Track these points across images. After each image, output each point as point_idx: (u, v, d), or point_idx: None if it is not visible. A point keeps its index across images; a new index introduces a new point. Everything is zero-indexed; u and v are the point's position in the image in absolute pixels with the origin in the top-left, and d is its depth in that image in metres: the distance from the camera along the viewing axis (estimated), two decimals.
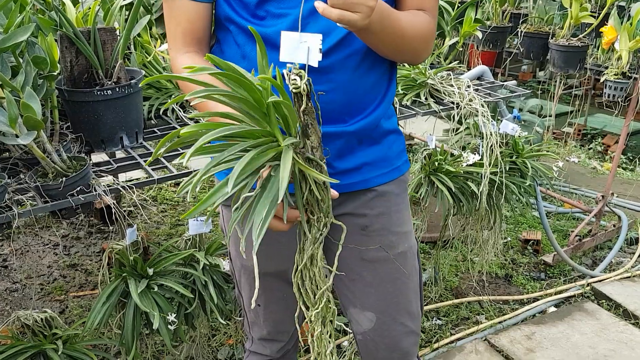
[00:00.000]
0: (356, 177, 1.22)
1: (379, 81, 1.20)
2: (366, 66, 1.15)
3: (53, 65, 1.51)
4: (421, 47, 1.15)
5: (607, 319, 2.52)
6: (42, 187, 1.37)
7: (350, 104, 1.16)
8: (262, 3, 1.10)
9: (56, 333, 1.51)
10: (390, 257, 1.27)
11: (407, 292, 1.32)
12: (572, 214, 3.51)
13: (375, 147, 1.23)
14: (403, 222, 1.30)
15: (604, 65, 3.04)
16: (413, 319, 1.35)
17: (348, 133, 1.17)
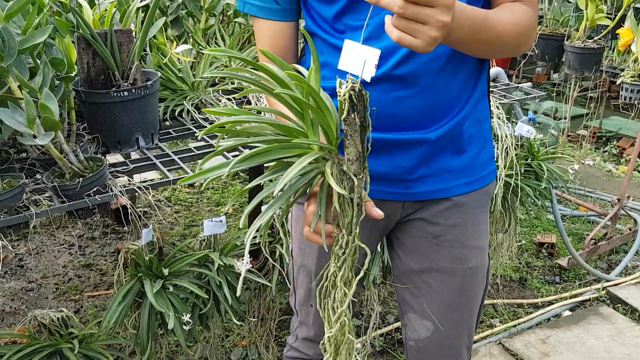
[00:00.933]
0: (435, 184, 1.17)
1: (465, 85, 1.13)
2: (450, 70, 1.09)
3: (70, 66, 1.52)
4: (520, 42, 1.06)
5: (623, 323, 2.50)
6: (59, 187, 1.38)
7: (432, 110, 1.11)
8: (339, 16, 1.10)
9: (72, 332, 1.52)
10: (460, 270, 1.22)
11: (471, 308, 1.28)
12: (587, 217, 3.47)
13: (460, 155, 1.16)
14: (479, 236, 1.23)
15: (620, 68, 3.02)
16: (470, 335, 1.32)
17: (430, 140, 1.12)
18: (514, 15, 1.03)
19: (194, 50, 2.20)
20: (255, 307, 1.91)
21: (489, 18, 0.97)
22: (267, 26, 1.16)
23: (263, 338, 2.01)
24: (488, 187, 1.22)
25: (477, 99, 1.16)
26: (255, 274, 1.73)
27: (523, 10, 1.04)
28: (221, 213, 3.35)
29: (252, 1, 1.15)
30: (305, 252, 1.32)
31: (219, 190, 3.67)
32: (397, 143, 1.12)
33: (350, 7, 1.07)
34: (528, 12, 1.05)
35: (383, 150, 1.13)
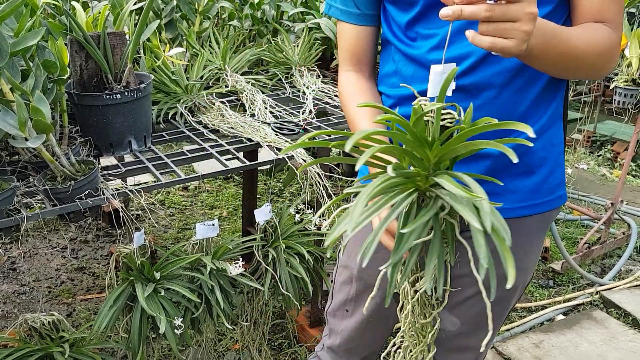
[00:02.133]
0: (495, 201, 1.16)
1: (536, 104, 1.10)
2: (517, 86, 1.07)
3: (63, 69, 1.52)
4: (599, 63, 1.01)
5: (616, 327, 2.50)
6: (50, 190, 1.37)
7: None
8: (411, 24, 1.11)
9: (63, 336, 1.51)
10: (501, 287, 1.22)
11: (499, 317, 1.29)
12: (581, 222, 3.48)
13: (528, 176, 1.14)
14: (528, 258, 1.21)
15: (614, 72, 3.03)
16: (491, 338, 1.33)
17: (494, 155, 1.10)
18: (591, 34, 0.99)
19: (188, 53, 2.20)
20: (248, 311, 1.90)
21: (562, 31, 0.95)
22: (347, 29, 1.22)
23: (256, 342, 2.00)
24: (553, 212, 1.19)
25: (551, 122, 1.13)
26: (248, 277, 1.73)
27: (602, 31, 1.00)
28: (215, 216, 3.35)
29: (336, 5, 1.21)
30: (352, 254, 1.32)
31: (214, 193, 3.66)
32: None
33: (424, 15, 1.09)
34: (609, 33, 1.01)
35: None
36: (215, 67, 2.14)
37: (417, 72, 1.13)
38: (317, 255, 1.90)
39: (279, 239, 1.81)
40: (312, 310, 2.28)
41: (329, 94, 2.27)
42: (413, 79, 1.13)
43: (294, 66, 2.36)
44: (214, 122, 1.89)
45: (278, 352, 2.29)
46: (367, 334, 1.38)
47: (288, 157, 1.78)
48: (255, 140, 1.78)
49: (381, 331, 1.38)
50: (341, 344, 1.42)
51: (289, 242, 1.82)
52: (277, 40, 2.46)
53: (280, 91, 2.31)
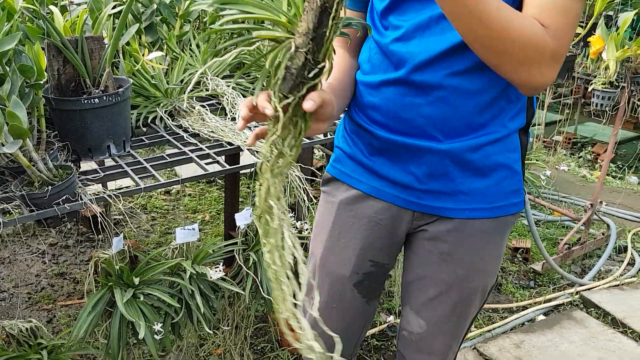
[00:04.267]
0: (448, 202, 1.16)
1: (492, 110, 1.09)
2: (471, 90, 1.06)
3: (40, 73, 1.50)
4: (518, 54, 0.93)
5: (596, 327, 2.53)
6: (27, 195, 1.36)
7: (446, 123, 1.09)
8: (385, 13, 1.13)
9: (41, 343, 1.50)
10: (459, 287, 1.23)
11: (463, 320, 1.30)
12: (562, 222, 3.52)
13: (478, 179, 1.14)
14: (488, 261, 1.22)
15: (594, 75, 3.07)
16: (458, 341, 1.34)
17: (440, 151, 1.11)
18: (520, 19, 0.92)
19: (168, 57, 2.19)
20: (230, 315, 1.90)
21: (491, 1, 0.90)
22: None
23: (238, 346, 2.00)
24: (508, 218, 1.19)
25: (508, 129, 1.13)
26: (229, 282, 1.73)
27: (536, 27, 0.93)
28: (197, 220, 3.34)
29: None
30: (317, 239, 1.34)
31: (196, 197, 3.65)
32: (409, 148, 1.13)
33: (397, 5, 1.10)
34: (542, 34, 0.93)
35: (396, 154, 1.15)
36: (196, 70, 2.13)
37: (383, 61, 1.14)
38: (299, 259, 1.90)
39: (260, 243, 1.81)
40: None
41: None
42: (379, 68, 1.15)
43: None
44: (194, 126, 1.89)
45: (261, 356, 2.29)
46: (330, 321, 1.35)
47: None
48: (236, 144, 1.78)
49: (345, 320, 1.37)
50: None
51: None
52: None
53: None
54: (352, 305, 1.34)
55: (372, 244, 1.26)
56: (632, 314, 2.60)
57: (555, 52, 0.94)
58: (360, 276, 1.30)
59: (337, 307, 1.34)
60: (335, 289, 1.33)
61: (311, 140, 1.88)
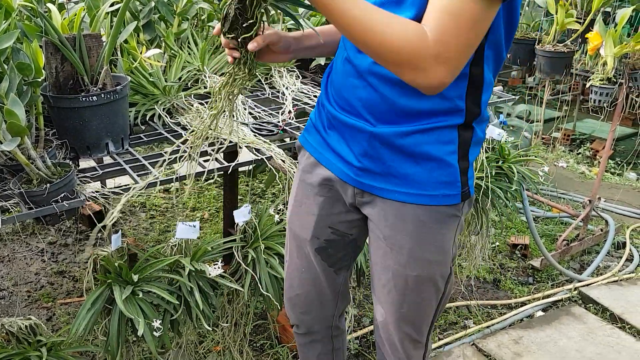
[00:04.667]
0: (380, 182, 1.22)
1: (421, 99, 1.13)
2: (395, 78, 1.10)
3: (38, 71, 1.51)
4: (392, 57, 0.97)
5: (594, 322, 2.54)
6: (26, 193, 1.37)
7: (377, 108, 1.16)
8: None
9: (41, 340, 1.50)
10: (404, 274, 1.26)
11: (418, 310, 1.32)
12: (560, 219, 3.53)
13: (410, 164, 1.18)
14: (429, 250, 1.25)
15: (592, 71, 3.07)
16: (418, 331, 1.36)
17: (373, 133, 1.17)
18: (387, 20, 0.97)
19: (166, 55, 2.20)
20: (229, 312, 1.90)
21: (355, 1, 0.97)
22: None
23: (237, 343, 2.00)
24: (444, 209, 1.21)
25: (443, 121, 1.15)
26: (228, 279, 1.73)
27: (409, 28, 0.96)
28: (196, 218, 3.34)
29: None
30: (289, 204, 1.46)
31: (195, 195, 3.65)
32: (349, 126, 1.21)
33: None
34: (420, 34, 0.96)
35: (339, 129, 1.25)
36: (194, 68, 2.14)
37: (344, 39, 1.24)
38: None
39: (259, 240, 1.82)
40: None
41: (308, 94, 2.28)
42: (341, 47, 1.24)
43: (273, 67, 2.36)
44: (192, 123, 1.89)
45: (260, 353, 2.29)
46: (302, 286, 1.49)
47: (267, 158, 1.78)
48: (234, 142, 1.78)
49: (316, 288, 1.48)
50: (284, 293, 1.55)
51: (269, 243, 1.83)
52: None
53: (259, 92, 2.31)
54: (320, 273, 1.45)
55: (329, 211, 1.36)
56: (630, 309, 2.60)
57: (438, 55, 0.96)
58: (322, 242, 1.40)
59: (306, 272, 1.46)
60: (302, 253, 1.44)
61: None
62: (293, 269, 1.50)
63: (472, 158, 1.22)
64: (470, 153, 1.21)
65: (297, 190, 1.41)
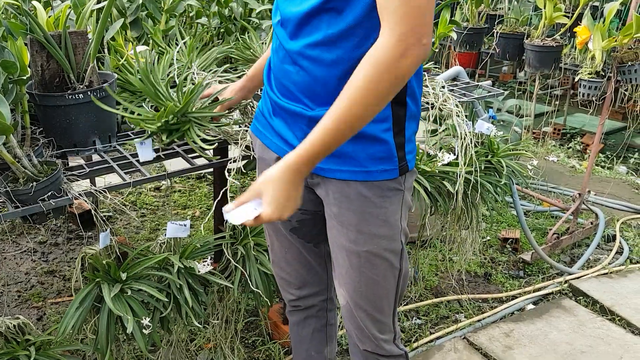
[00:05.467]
0: (323, 163, 1.22)
1: (344, 81, 1.12)
2: (328, 61, 1.15)
3: (23, 69, 1.50)
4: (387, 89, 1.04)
5: (585, 315, 2.55)
6: (12, 192, 1.36)
7: (312, 92, 1.19)
8: None
9: (29, 339, 1.50)
10: (356, 251, 1.30)
11: (375, 288, 1.35)
12: (551, 212, 3.54)
13: (347, 144, 1.18)
14: (375, 224, 1.28)
15: (581, 65, 3.08)
16: (380, 311, 1.39)
17: (309, 117, 1.21)
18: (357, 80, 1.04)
19: (154, 52, 2.18)
20: (220, 309, 1.90)
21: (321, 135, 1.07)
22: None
23: (228, 340, 2.00)
24: (384, 183, 1.25)
25: None
26: (218, 276, 1.73)
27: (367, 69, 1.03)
28: (187, 216, 3.33)
29: None
30: None
31: (186, 193, 3.64)
32: (287, 111, 1.26)
33: None
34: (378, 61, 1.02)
35: (281, 114, 1.29)
36: (182, 65, 2.12)
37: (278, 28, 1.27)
38: None
39: (248, 237, 1.81)
40: (284, 307, 2.28)
41: None
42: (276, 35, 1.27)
43: None
44: None
45: (252, 350, 2.29)
46: (290, 264, 1.55)
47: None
48: (223, 138, 1.77)
49: (302, 263, 1.54)
50: (276, 276, 1.62)
51: (258, 239, 1.82)
52: (245, 37, 2.46)
53: None
54: (302, 249, 1.52)
55: None
56: (620, 301, 2.62)
57: (405, 41, 1.00)
58: (295, 223, 1.45)
59: (288, 251, 1.53)
60: (279, 234, 1.50)
61: None
62: (277, 252, 1.55)
63: (408, 132, 1.25)
64: (407, 128, 1.24)
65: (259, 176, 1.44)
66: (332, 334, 1.73)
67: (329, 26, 1.12)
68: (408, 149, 1.26)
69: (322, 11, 1.11)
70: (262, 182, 1.12)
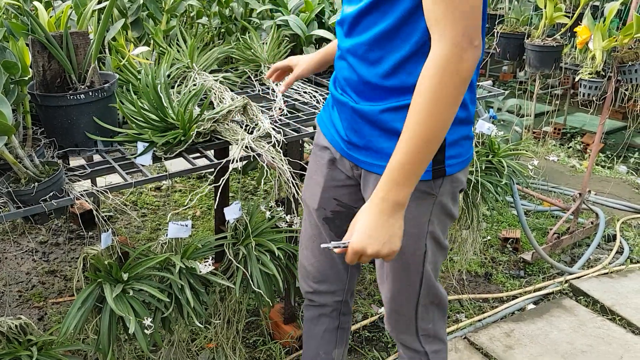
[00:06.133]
0: (363, 156, 1.30)
1: (389, 77, 1.20)
2: (371, 59, 1.21)
3: (24, 70, 1.50)
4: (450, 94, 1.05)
5: (585, 315, 2.55)
6: (14, 192, 1.36)
7: (357, 86, 1.27)
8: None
9: (31, 339, 1.50)
10: None
11: (395, 283, 1.40)
12: (551, 212, 3.54)
13: (384, 139, 1.24)
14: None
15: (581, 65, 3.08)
16: (400, 306, 1.45)
17: (353, 109, 1.28)
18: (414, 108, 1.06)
19: (155, 52, 2.19)
20: (221, 309, 1.90)
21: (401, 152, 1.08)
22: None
23: (230, 340, 2.00)
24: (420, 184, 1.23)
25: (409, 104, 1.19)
26: (219, 276, 1.73)
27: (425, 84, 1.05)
28: (188, 216, 3.33)
29: None
30: (307, 188, 1.55)
31: (186, 193, 3.64)
32: (339, 102, 1.34)
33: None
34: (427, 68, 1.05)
35: (336, 105, 1.37)
36: (183, 65, 2.13)
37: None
38: (289, 252, 1.91)
39: (250, 237, 1.82)
40: (286, 307, 2.29)
41: (298, 90, 2.28)
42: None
43: (263, 63, 2.35)
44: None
45: (253, 350, 2.30)
46: (315, 255, 1.60)
47: (257, 155, 1.78)
48: (224, 139, 1.78)
49: (327, 257, 1.58)
50: (299, 262, 1.66)
51: (260, 240, 1.82)
52: (245, 37, 2.46)
53: (249, 88, 2.31)
54: (315, 241, 1.57)
55: (333, 183, 1.46)
56: (620, 301, 2.62)
57: (458, 46, 1.03)
58: (329, 213, 1.49)
59: (317, 241, 1.57)
60: (313, 222, 1.56)
61: (299, 134, 1.88)
62: (307, 238, 1.60)
63: (451, 137, 1.23)
64: (449, 132, 1.20)
65: (310, 163, 1.54)
66: (343, 337, 1.73)
67: (374, 27, 1.18)
68: (449, 154, 1.25)
69: (369, 13, 1.18)
70: (358, 214, 1.15)
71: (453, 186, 1.30)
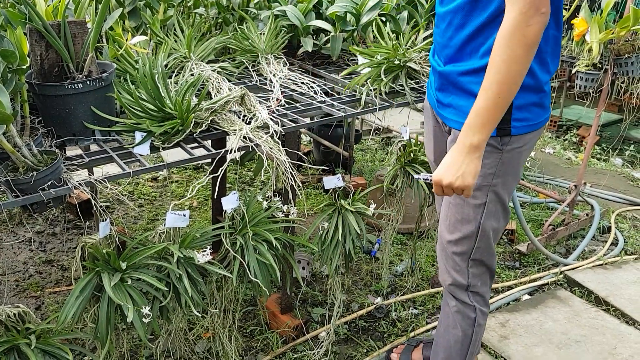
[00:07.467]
0: (447, 112, 1.55)
1: (469, 41, 1.41)
2: (457, 24, 1.43)
3: (22, 58, 1.50)
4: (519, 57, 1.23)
5: (579, 305, 2.58)
6: (12, 181, 1.36)
7: (444, 50, 1.50)
8: None
9: (29, 328, 1.50)
10: None
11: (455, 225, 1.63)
12: (547, 204, 3.56)
13: (463, 99, 1.47)
14: None
15: (578, 57, 3.09)
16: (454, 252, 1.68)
17: (439, 72, 1.54)
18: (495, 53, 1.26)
19: (152, 42, 2.18)
20: (218, 298, 1.91)
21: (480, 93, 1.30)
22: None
23: (227, 329, 2.01)
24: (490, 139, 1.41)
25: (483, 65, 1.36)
26: (217, 265, 1.74)
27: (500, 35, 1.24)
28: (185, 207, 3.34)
29: None
30: (426, 146, 1.87)
31: (183, 183, 3.65)
32: (432, 67, 1.60)
33: None
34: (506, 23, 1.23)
35: (431, 71, 1.63)
36: (180, 55, 2.13)
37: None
38: (286, 242, 1.91)
39: (247, 227, 1.82)
40: (282, 297, 2.30)
41: (296, 81, 2.28)
42: None
43: (260, 54, 2.35)
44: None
45: (250, 339, 2.31)
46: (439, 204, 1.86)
47: (255, 145, 1.78)
48: (221, 129, 1.78)
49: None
50: None
51: (257, 230, 1.83)
52: (243, 28, 2.46)
53: (247, 79, 2.31)
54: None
55: (439, 139, 1.72)
56: (614, 292, 2.65)
57: (526, 13, 1.20)
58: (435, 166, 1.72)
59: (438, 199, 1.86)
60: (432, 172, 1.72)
61: (296, 124, 1.89)
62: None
63: (519, 101, 1.42)
64: (516, 96, 1.35)
65: (425, 124, 1.81)
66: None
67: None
68: (515, 116, 1.45)
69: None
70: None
71: (519, 145, 1.49)
